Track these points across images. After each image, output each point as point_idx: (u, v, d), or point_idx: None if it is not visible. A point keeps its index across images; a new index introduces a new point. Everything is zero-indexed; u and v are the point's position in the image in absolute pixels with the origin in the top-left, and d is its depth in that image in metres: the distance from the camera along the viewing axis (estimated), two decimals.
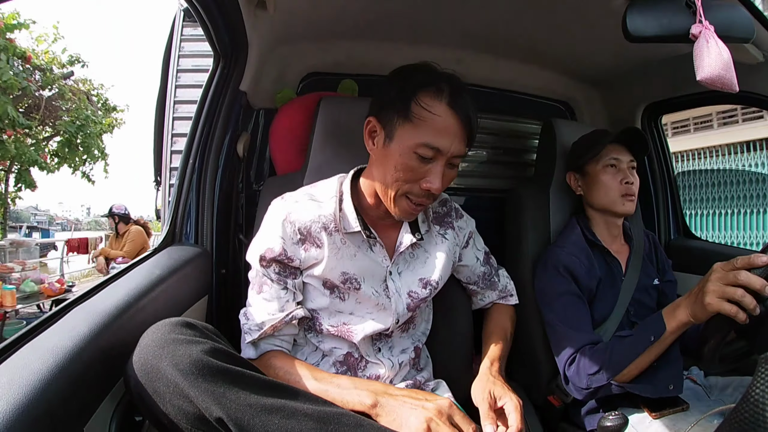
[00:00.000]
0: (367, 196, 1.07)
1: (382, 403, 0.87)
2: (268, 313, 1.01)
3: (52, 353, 0.67)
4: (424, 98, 0.93)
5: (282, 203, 1.06)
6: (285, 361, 0.99)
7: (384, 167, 0.98)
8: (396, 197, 0.99)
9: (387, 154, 0.97)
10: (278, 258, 1.01)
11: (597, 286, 1.33)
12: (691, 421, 1.06)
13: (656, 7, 1.02)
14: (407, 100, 0.94)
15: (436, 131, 0.92)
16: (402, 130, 0.95)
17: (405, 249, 1.08)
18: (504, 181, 2.07)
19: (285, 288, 1.02)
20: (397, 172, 0.96)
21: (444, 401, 0.87)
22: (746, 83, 1.36)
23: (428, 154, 0.93)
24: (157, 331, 0.76)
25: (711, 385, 1.31)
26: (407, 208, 1.00)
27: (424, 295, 1.09)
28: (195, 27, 2.61)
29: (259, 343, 1.02)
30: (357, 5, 1.44)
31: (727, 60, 0.94)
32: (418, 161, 0.94)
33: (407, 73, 0.99)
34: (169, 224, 1.29)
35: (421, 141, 0.92)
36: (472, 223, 1.24)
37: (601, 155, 1.37)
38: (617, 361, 1.13)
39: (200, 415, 0.71)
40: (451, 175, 1.00)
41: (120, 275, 0.99)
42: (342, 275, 1.03)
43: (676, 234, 1.91)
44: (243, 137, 1.54)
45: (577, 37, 1.54)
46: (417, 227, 1.11)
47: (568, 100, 2.08)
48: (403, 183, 0.96)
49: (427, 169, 0.95)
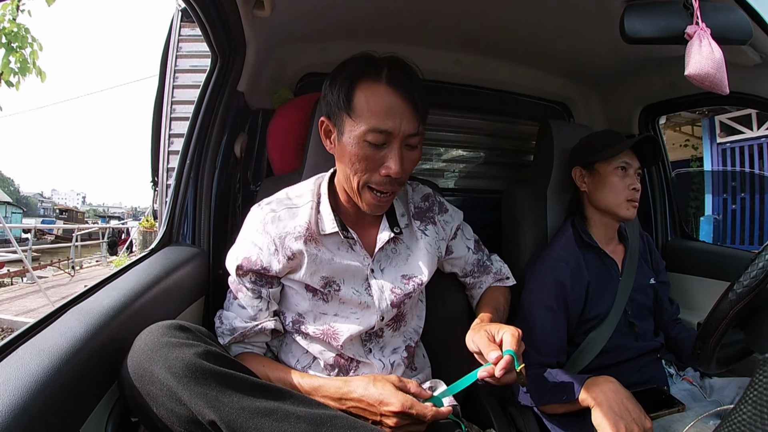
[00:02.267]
0: (341, 195, 1.08)
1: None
2: (241, 319, 1.03)
3: (48, 354, 0.66)
4: (362, 85, 0.94)
5: (259, 212, 1.05)
6: (252, 362, 0.99)
7: (343, 163, 0.99)
8: (359, 189, 0.99)
9: (342, 150, 0.97)
10: (254, 268, 1.01)
11: (588, 288, 1.33)
12: (687, 422, 1.07)
13: (654, 9, 1.02)
14: (349, 92, 0.94)
15: (379, 114, 0.92)
16: (348, 122, 0.94)
17: (385, 245, 1.08)
18: (501, 181, 2.08)
19: (259, 297, 1.03)
20: (354, 165, 0.96)
21: (394, 400, 0.89)
22: (744, 85, 1.37)
23: (379, 139, 0.93)
24: (150, 334, 0.76)
25: (708, 386, 1.32)
26: (372, 200, 0.99)
27: (407, 291, 1.09)
28: (193, 27, 2.62)
29: (231, 346, 1.04)
30: (354, 6, 1.44)
31: (718, 60, 0.95)
32: (372, 149, 0.94)
33: (345, 65, 0.99)
34: (166, 224, 1.28)
35: (367, 128, 0.92)
36: (459, 215, 1.23)
37: (614, 156, 1.37)
38: (540, 395, 1.19)
39: (193, 418, 0.71)
40: (413, 157, 0.99)
41: (117, 275, 0.98)
42: (321, 279, 1.03)
43: (673, 235, 1.91)
44: (240, 137, 1.54)
45: (575, 38, 1.55)
46: (396, 221, 1.11)
47: (565, 101, 2.09)
48: (362, 173, 0.96)
49: (384, 155, 0.94)
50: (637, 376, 1.29)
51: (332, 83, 0.98)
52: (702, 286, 1.67)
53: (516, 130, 2.11)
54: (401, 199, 1.18)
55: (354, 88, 0.94)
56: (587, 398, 1.07)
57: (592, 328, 1.32)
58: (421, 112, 0.96)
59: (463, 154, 2.16)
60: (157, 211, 2.22)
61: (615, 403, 1.03)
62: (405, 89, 0.93)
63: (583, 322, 1.33)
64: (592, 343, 1.31)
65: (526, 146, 2.13)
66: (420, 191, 1.21)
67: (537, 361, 1.25)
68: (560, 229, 1.46)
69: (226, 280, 1.09)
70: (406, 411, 0.87)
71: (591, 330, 1.32)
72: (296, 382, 0.95)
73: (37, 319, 0.77)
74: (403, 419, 0.88)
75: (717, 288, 1.34)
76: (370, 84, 0.93)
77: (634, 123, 1.89)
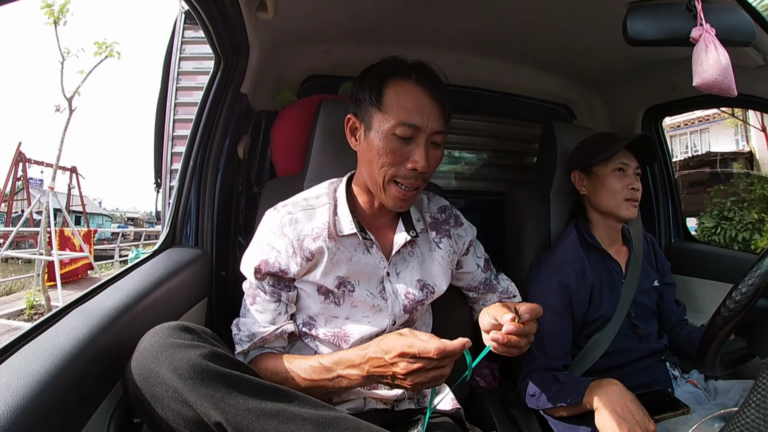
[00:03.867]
0: (359, 197, 1.09)
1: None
2: (260, 324, 1.02)
3: (51, 354, 0.67)
4: (393, 83, 0.98)
5: (276, 215, 1.06)
6: (272, 360, 1.00)
7: (369, 158, 1.01)
8: (385, 184, 1.00)
9: (369, 144, 1.00)
10: (272, 271, 1.01)
11: (592, 290, 1.33)
12: (691, 424, 1.06)
13: (657, 11, 1.02)
14: (379, 89, 0.98)
15: (409, 109, 0.96)
16: (378, 117, 0.98)
17: (402, 249, 1.09)
18: (504, 183, 2.08)
19: (278, 300, 1.03)
20: (381, 158, 0.98)
21: (396, 344, 0.85)
22: (747, 86, 1.36)
23: (407, 133, 0.96)
24: (156, 335, 0.76)
25: (712, 388, 1.31)
26: (397, 194, 1.01)
27: (420, 297, 1.09)
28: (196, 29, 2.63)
29: (249, 352, 1.03)
30: (358, 8, 1.44)
31: (725, 65, 0.94)
32: (399, 143, 0.97)
33: (375, 66, 1.04)
34: (170, 226, 1.29)
35: (396, 121, 0.96)
36: (473, 231, 1.23)
37: (611, 158, 1.37)
38: (544, 398, 1.19)
39: (199, 419, 0.71)
40: (436, 155, 1.02)
41: (120, 276, 0.99)
42: (336, 279, 1.03)
43: (676, 237, 1.90)
44: (243, 139, 1.54)
45: (578, 40, 1.55)
46: (411, 225, 1.12)
47: (568, 103, 2.09)
48: (389, 167, 0.98)
49: (410, 149, 0.98)
50: (641, 379, 1.29)
51: (362, 82, 1.03)
52: (705, 288, 1.66)
53: (519, 132, 2.10)
54: (416, 206, 1.18)
55: (385, 85, 0.98)
56: (591, 401, 1.07)
57: (596, 330, 1.32)
58: (446, 112, 1.01)
59: (466, 156, 2.16)
60: (160, 212, 2.22)
61: (619, 406, 1.02)
62: (433, 88, 0.98)
63: (587, 324, 1.33)
64: (595, 345, 1.30)
65: (529, 148, 2.12)
66: (437, 202, 1.22)
67: (544, 364, 1.25)
68: (564, 231, 1.46)
69: (230, 282, 1.09)
70: (406, 351, 0.82)
71: (594, 332, 1.32)
72: (318, 361, 0.94)
73: (41, 320, 0.78)
74: (411, 363, 0.82)
75: (720, 290, 1.33)
76: (400, 82, 0.98)
77: (637, 125, 1.88)
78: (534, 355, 1.27)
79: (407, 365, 0.82)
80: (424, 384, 0.84)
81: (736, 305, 0.85)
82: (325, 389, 0.93)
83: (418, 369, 0.82)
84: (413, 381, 0.83)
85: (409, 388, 0.86)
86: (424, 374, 0.83)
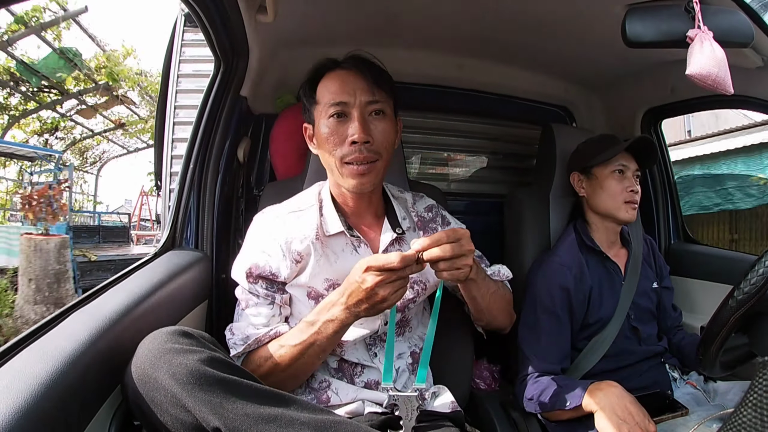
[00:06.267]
0: (338, 198, 1.11)
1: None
2: (253, 326, 1.03)
3: (51, 357, 0.67)
4: (323, 78, 1.07)
5: (264, 219, 1.08)
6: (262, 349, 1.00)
7: (322, 150, 1.06)
8: (339, 167, 1.03)
9: (318, 138, 1.06)
10: (263, 274, 1.02)
11: (590, 292, 1.33)
12: (690, 426, 1.06)
13: (655, 13, 1.02)
14: (313, 87, 1.07)
15: (335, 91, 1.02)
16: (317, 110, 1.06)
17: (389, 247, 1.09)
18: (504, 185, 2.08)
19: (272, 303, 1.04)
20: (328, 144, 1.02)
21: (361, 262, 0.88)
22: (746, 88, 1.37)
23: (338, 110, 1.01)
24: (154, 341, 0.76)
25: (711, 390, 1.31)
26: (353, 171, 1.02)
27: (411, 296, 1.09)
28: (196, 32, 2.63)
29: (243, 355, 1.03)
30: (358, 11, 1.44)
31: (720, 58, 0.94)
32: (336, 123, 1.02)
33: (310, 70, 1.10)
34: (170, 229, 1.29)
35: (327, 104, 1.02)
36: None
37: (610, 160, 1.37)
38: (543, 401, 1.18)
39: (197, 424, 0.71)
40: (381, 126, 1.04)
41: (120, 279, 0.99)
42: (325, 281, 1.04)
43: (676, 239, 1.90)
44: (243, 142, 1.54)
45: (577, 42, 1.55)
46: (397, 223, 1.12)
47: (567, 105, 2.09)
48: (334, 148, 1.02)
49: (347, 126, 1.01)
50: (641, 381, 1.29)
51: (302, 89, 1.11)
52: (705, 289, 1.66)
53: (518, 134, 2.11)
54: (401, 204, 1.19)
55: (317, 83, 1.07)
56: (590, 403, 1.07)
57: (595, 333, 1.32)
58: (378, 83, 1.03)
59: (465, 158, 2.16)
60: (160, 215, 2.22)
61: (618, 408, 1.02)
62: (358, 66, 1.04)
63: (586, 327, 1.33)
64: (595, 347, 1.30)
65: (528, 150, 2.12)
66: (423, 202, 1.22)
67: (542, 368, 1.25)
68: (563, 234, 1.46)
69: (230, 285, 1.09)
70: (372, 264, 0.86)
71: (594, 334, 1.32)
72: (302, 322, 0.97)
73: (42, 322, 0.78)
74: (377, 275, 0.86)
75: (720, 291, 1.32)
76: (327, 74, 1.06)
77: (637, 126, 1.88)
78: (530, 359, 1.27)
79: (374, 278, 0.86)
80: (394, 294, 0.87)
81: (752, 287, 0.84)
82: (318, 347, 0.94)
83: (385, 280, 0.86)
84: (384, 293, 0.86)
85: (384, 305, 0.88)
86: (391, 285, 0.86)
